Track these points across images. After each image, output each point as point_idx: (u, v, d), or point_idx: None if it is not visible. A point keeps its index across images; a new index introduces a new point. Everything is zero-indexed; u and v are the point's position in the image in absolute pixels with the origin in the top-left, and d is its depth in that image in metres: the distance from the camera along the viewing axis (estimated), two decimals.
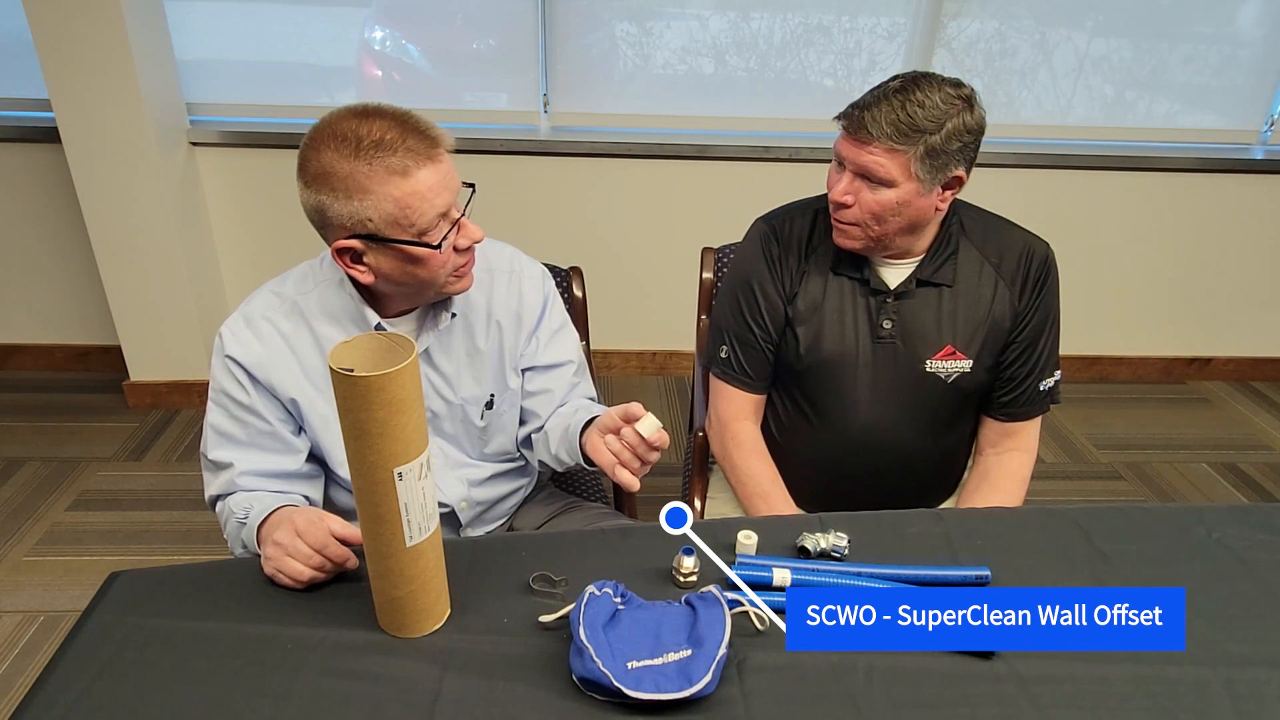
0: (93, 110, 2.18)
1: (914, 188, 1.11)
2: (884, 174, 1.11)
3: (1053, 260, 1.26)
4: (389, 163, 0.93)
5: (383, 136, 0.93)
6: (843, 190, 1.14)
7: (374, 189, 0.94)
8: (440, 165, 0.97)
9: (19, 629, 1.81)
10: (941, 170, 1.11)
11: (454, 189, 1.00)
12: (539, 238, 2.66)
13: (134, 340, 2.55)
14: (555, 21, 2.43)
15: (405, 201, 0.95)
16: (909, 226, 1.17)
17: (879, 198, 1.13)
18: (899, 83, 1.11)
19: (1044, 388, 1.30)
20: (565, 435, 1.14)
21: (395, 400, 0.74)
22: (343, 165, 0.93)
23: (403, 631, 0.87)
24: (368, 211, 0.95)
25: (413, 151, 0.94)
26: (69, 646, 0.85)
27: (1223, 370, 3.05)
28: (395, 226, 0.96)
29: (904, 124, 1.08)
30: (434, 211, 0.97)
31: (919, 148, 1.09)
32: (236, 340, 1.06)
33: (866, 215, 1.15)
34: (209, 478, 1.11)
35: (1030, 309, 1.25)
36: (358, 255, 1.00)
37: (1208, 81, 2.63)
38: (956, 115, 1.09)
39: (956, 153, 1.11)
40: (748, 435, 1.35)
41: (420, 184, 0.95)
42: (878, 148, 1.10)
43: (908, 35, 2.53)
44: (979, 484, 1.32)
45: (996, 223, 1.28)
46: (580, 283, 1.50)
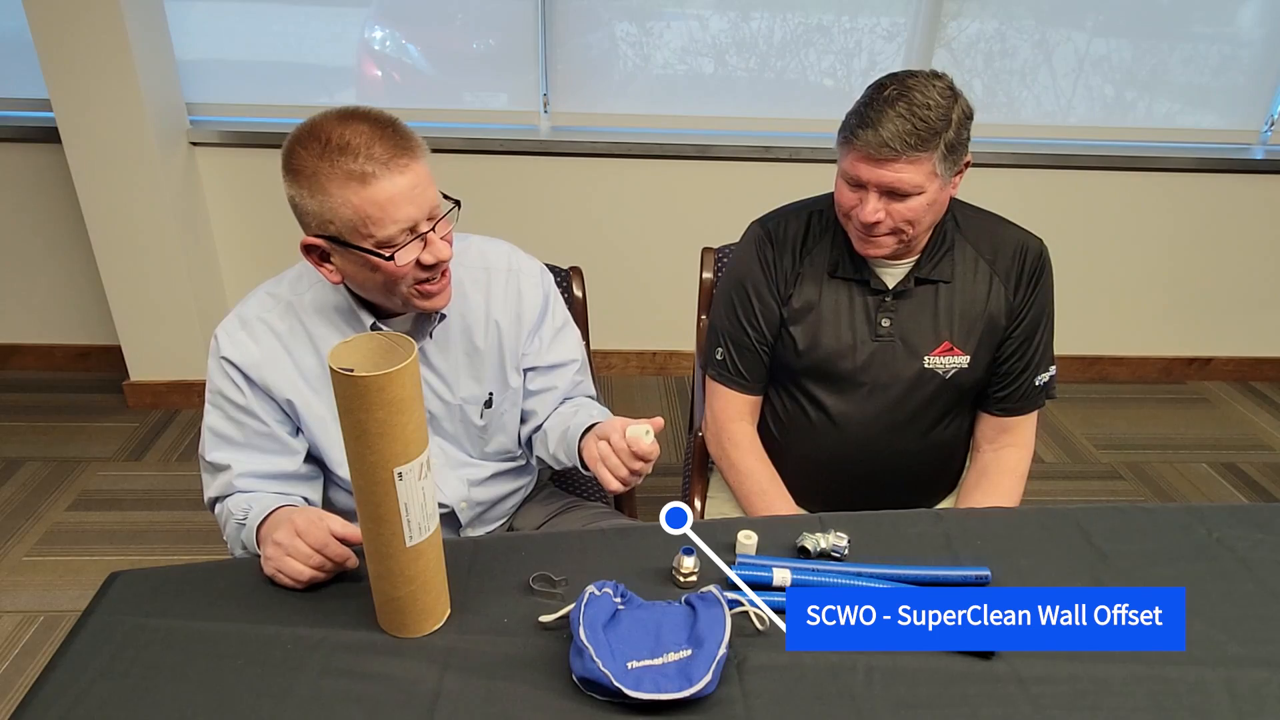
0: (93, 110, 2.18)
1: (937, 185, 1.13)
2: (910, 185, 1.11)
3: (1046, 256, 1.27)
4: (348, 167, 0.91)
5: (349, 140, 0.91)
6: (872, 210, 1.13)
7: (333, 192, 0.93)
8: (405, 177, 0.93)
9: (19, 629, 1.81)
10: (957, 162, 1.14)
11: (424, 203, 0.96)
12: (539, 238, 2.66)
13: (134, 340, 2.55)
14: (555, 21, 2.43)
15: (363, 209, 0.93)
16: (934, 222, 1.20)
17: (910, 205, 1.13)
18: (892, 90, 1.09)
19: (1039, 383, 1.30)
20: (564, 438, 1.14)
21: (395, 400, 0.74)
22: (309, 163, 0.93)
23: (403, 631, 0.87)
24: (330, 214, 0.94)
25: (375, 159, 0.91)
26: (69, 646, 0.85)
27: (1223, 370, 3.05)
28: (355, 233, 0.94)
29: (921, 131, 1.07)
30: (395, 225, 0.94)
31: (939, 149, 1.09)
32: (231, 342, 1.06)
33: (900, 223, 1.15)
34: (208, 479, 1.11)
35: (1025, 305, 1.26)
36: (325, 255, 1.00)
37: (1208, 81, 2.63)
38: (955, 105, 1.11)
39: (965, 141, 1.14)
40: (744, 435, 1.36)
41: (379, 193, 0.92)
42: (901, 162, 1.09)
43: (908, 35, 2.53)
44: (978, 480, 1.33)
45: (990, 220, 1.29)
46: (580, 283, 1.50)
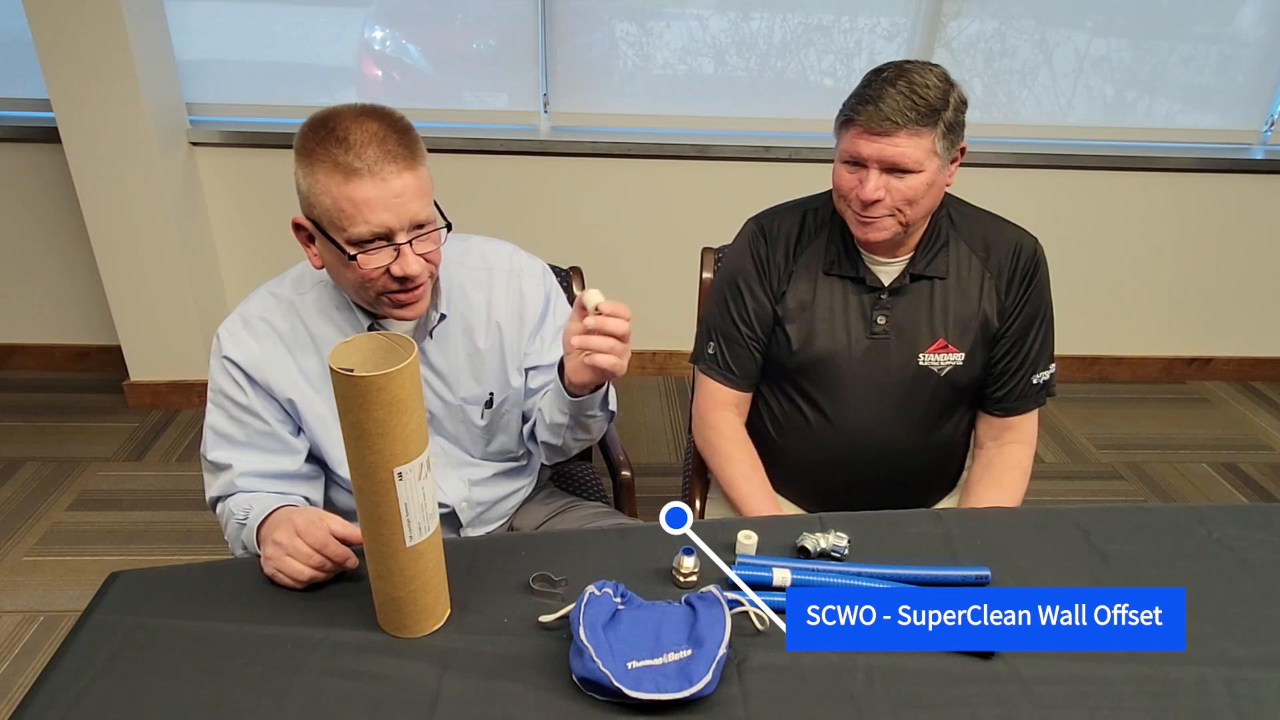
0: (93, 110, 2.18)
1: (936, 166, 1.14)
2: (911, 161, 1.11)
3: (1041, 255, 1.27)
4: (336, 159, 0.93)
5: (349, 135, 0.94)
6: (874, 188, 1.13)
7: (319, 178, 0.95)
8: (389, 184, 0.94)
9: (19, 629, 1.81)
10: (953, 145, 1.15)
11: (403, 214, 0.96)
12: (539, 238, 2.66)
13: (134, 340, 2.55)
14: (555, 21, 2.43)
15: (339, 203, 0.95)
16: (931, 208, 1.20)
17: (909, 184, 1.13)
18: (890, 73, 1.12)
19: (1037, 381, 1.30)
20: (553, 392, 1.12)
21: (395, 400, 0.74)
22: (309, 145, 0.95)
23: (403, 631, 0.87)
24: (314, 198, 0.96)
25: (364, 159, 0.93)
26: (69, 646, 0.85)
27: (1223, 370, 3.05)
28: (331, 224, 0.97)
29: (922, 106, 1.09)
30: (367, 228, 0.95)
31: (940, 126, 1.11)
32: (234, 341, 1.07)
33: (899, 201, 1.15)
34: (209, 479, 1.11)
35: (1018, 303, 1.26)
36: (310, 237, 1.02)
37: (1208, 81, 2.63)
38: (953, 90, 1.13)
39: (962, 126, 1.15)
40: (727, 424, 1.36)
41: (356, 192, 0.94)
42: (902, 136, 1.10)
43: (908, 35, 2.53)
44: (982, 476, 1.33)
45: (985, 217, 1.29)
46: (580, 283, 1.50)
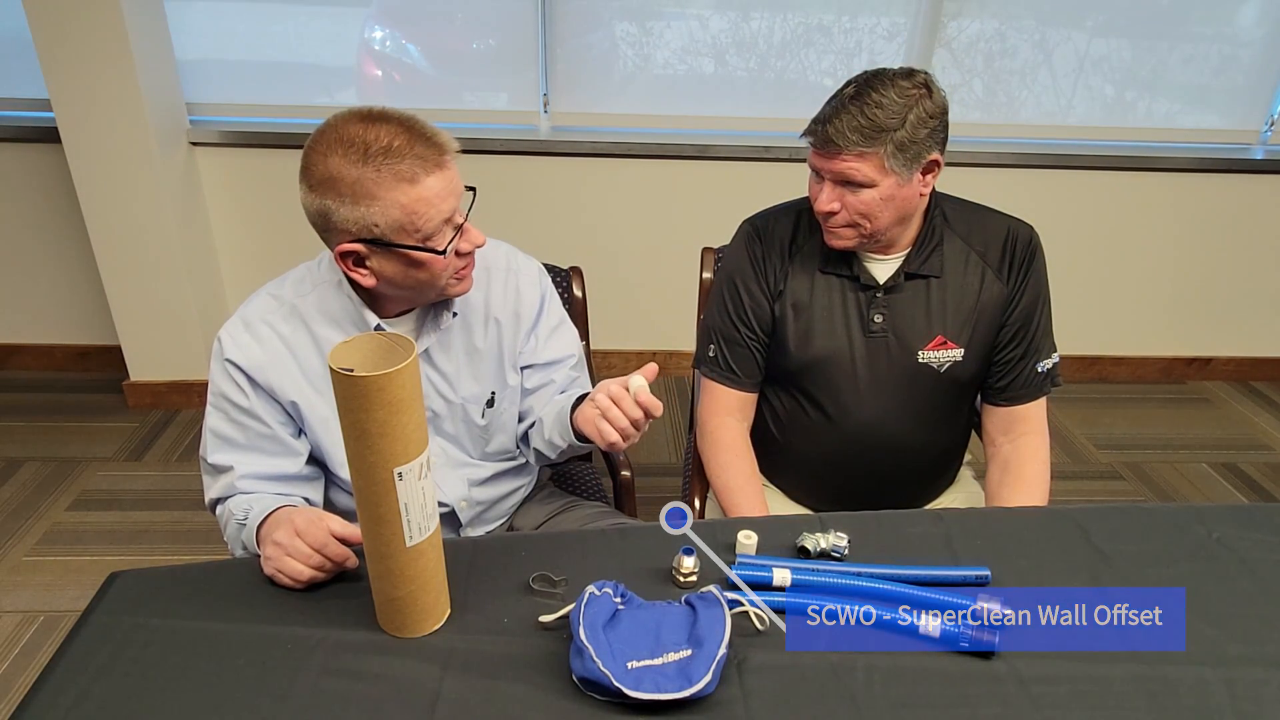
0: (93, 110, 2.18)
1: (892, 181, 1.14)
2: (860, 177, 1.13)
3: (1037, 241, 1.27)
4: (398, 169, 0.93)
5: (390, 143, 0.93)
6: (827, 200, 1.17)
7: (381, 195, 0.94)
8: (447, 172, 0.97)
9: (19, 629, 1.81)
10: (915, 159, 1.13)
11: (459, 194, 1.00)
12: (539, 238, 2.66)
13: (134, 340, 2.55)
14: (555, 21, 2.43)
15: (412, 208, 0.95)
16: (899, 217, 1.19)
17: (862, 198, 1.15)
18: (853, 89, 1.13)
19: (1042, 369, 1.30)
20: (559, 417, 1.15)
21: (395, 400, 0.74)
22: (350, 171, 0.93)
23: (403, 631, 0.87)
24: (374, 217, 0.95)
25: (421, 159, 0.94)
26: (69, 646, 0.85)
27: (1223, 370, 3.05)
28: (401, 232, 0.97)
29: (866, 128, 1.10)
30: (440, 217, 0.98)
31: (887, 146, 1.11)
32: (235, 344, 1.06)
33: (855, 215, 1.17)
34: (209, 481, 1.11)
35: (1019, 292, 1.26)
36: (361, 259, 1.00)
37: (1208, 81, 2.63)
38: (916, 104, 1.11)
39: (925, 139, 1.13)
40: (726, 431, 1.35)
41: (427, 191, 0.95)
42: (848, 155, 1.12)
43: (908, 35, 2.53)
44: (1001, 477, 1.29)
45: (978, 211, 1.29)
46: (580, 283, 1.50)
